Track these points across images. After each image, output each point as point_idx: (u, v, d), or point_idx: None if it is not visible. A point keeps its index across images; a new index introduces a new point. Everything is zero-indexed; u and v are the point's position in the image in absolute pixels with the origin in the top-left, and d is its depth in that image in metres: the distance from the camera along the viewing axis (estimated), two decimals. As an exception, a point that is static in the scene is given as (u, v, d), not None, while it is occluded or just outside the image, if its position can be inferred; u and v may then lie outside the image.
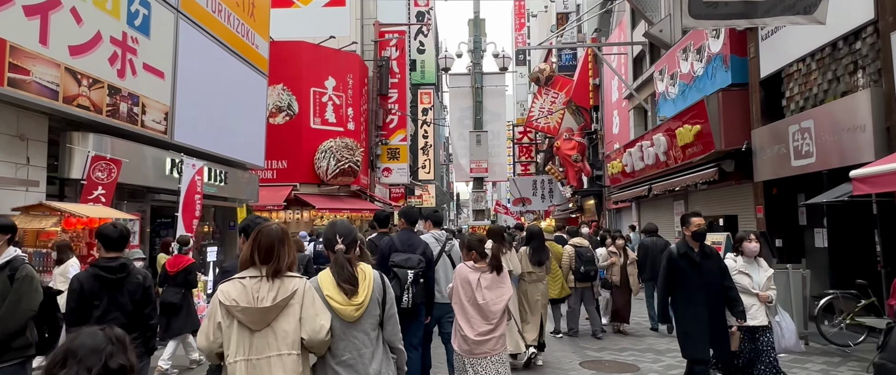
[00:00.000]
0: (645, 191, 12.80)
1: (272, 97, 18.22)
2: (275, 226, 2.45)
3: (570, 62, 23.67)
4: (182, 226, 7.06)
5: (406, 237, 4.73)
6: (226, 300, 2.26)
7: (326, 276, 2.56)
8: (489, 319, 3.66)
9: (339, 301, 2.46)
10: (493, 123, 10.37)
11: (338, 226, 2.70)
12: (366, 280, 2.55)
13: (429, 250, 4.71)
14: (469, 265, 3.81)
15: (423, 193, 35.89)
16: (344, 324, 2.46)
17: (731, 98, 8.88)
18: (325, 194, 18.37)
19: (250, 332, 2.26)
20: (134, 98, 8.34)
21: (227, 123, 11.71)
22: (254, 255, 2.35)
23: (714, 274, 4.43)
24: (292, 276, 2.38)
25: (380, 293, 2.60)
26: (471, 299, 3.68)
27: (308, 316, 2.32)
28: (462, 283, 3.75)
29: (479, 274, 3.74)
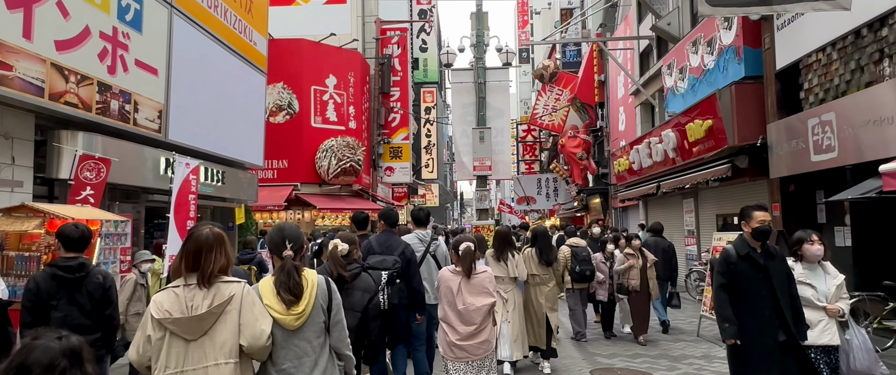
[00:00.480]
0: (653, 189, 12.46)
1: (272, 96, 17.97)
2: (206, 230, 2.34)
3: (574, 59, 23.34)
4: (174, 228, 6.77)
5: (385, 238, 4.65)
6: (158, 313, 2.18)
7: (267, 285, 2.47)
8: (471, 322, 3.63)
9: (278, 311, 2.39)
10: (497, 120, 10.07)
11: (286, 230, 2.61)
12: (309, 288, 2.48)
13: (408, 250, 4.61)
14: (450, 269, 3.78)
15: (426, 192, 35.63)
16: (285, 332, 2.40)
17: (745, 92, 8.55)
18: (327, 194, 18.10)
19: (185, 342, 2.18)
20: (126, 95, 8.07)
21: (225, 121, 11.44)
22: (181, 262, 2.28)
23: (782, 279, 3.61)
24: (229, 281, 2.30)
25: (325, 299, 2.53)
26: (452, 303, 3.66)
27: (247, 322, 2.25)
28: (444, 287, 3.72)
29: (459, 278, 3.70)
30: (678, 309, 9.10)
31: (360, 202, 19.11)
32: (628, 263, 7.19)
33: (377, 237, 4.80)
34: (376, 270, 4.21)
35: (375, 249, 4.55)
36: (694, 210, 12.21)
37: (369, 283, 3.47)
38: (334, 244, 3.58)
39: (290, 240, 2.55)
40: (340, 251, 3.47)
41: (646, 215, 15.69)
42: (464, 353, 3.68)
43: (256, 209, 16.48)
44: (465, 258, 3.77)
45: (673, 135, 10.84)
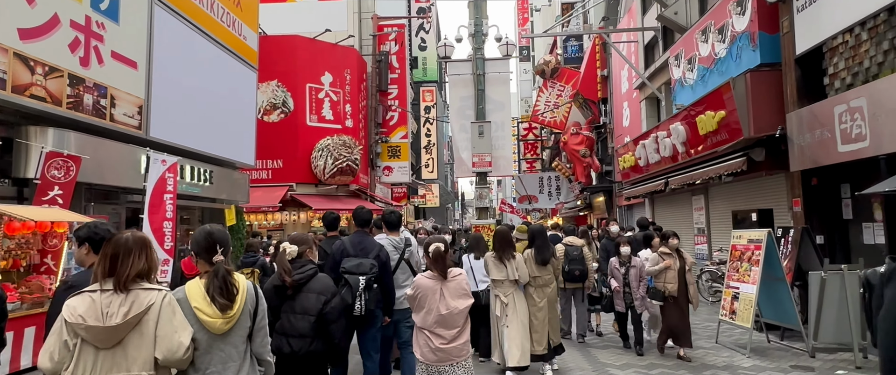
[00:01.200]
0: (661, 185, 11.94)
1: (266, 94, 17.49)
2: (127, 234, 2.29)
3: (576, 54, 22.82)
4: (149, 230, 6.26)
5: (358, 239, 4.55)
6: (71, 318, 2.09)
7: (196, 287, 2.42)
8: (454, 325, 3.65)
9: (208, 314, 2.35)
10: (497, 113, 9.55)
11: (216, 234, 2.56)
12: (240, 292, 2.45)
13: (383, 252, 4.53)
14: (427, 274, 3.74)
15: (426, 192, 35.16)
16: (211, 336, 2.36)
17: (761, 80, 8.03)
18: (323, 195, 17.61)
19: (96, 350, 2.11)
20: (101, 89, 7.57)
21: (213, 119, 10.94)
22: (98, 267, 2.21)
23: None
24: (150, 288, 2.24)
25: (252, 304, 2.50)
26: (434, 309, 3.62)
27: (164, 334, 2.18)
28: (423, 294, 3.68)
29: (440, 283, 3.68)
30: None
31: (357, 203, 18.61)
32: (664, 264, 6.27)
33: (350, 238, 4.67)
34: (353, 274, 4.13)
35: (350, 251, 4.42)
36: (704, 207, 11.69)
37: (326, 284, 3.37)
38: (283, 247, 3.47)
39: (220, 244, 2.52)
40: (289, 254, 3.39)
41: (652, 213, 15.16)
42: (446, 356, 3.67)
43: (250, 211, 15.99)
44: (437, 260, 3.71)
45: (682, 128, 10.32)
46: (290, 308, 3.30)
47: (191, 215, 11.71)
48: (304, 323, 3.24)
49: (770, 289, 6.30)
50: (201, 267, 2.57)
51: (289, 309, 3.31)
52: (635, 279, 6.62)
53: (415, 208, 35.11)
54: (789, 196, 8.05)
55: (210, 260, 2.48)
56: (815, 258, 6.36)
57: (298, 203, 16.63)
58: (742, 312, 6.37)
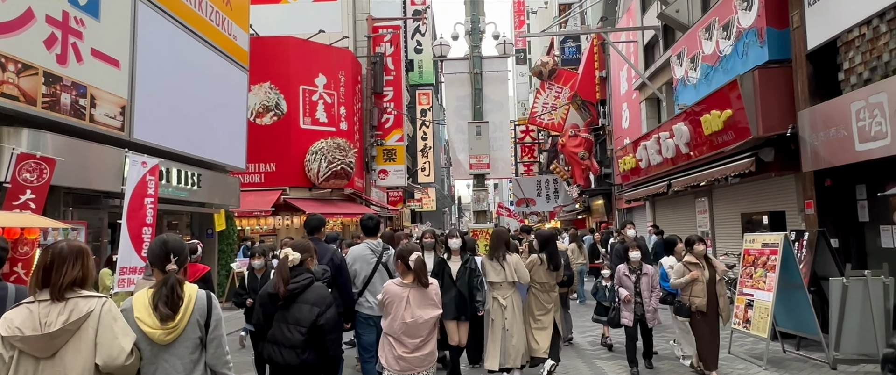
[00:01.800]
0: (663, 188, 11.63)
1: (259, 96, 17.14)
2: (62, 243, 2.26)
3: (573, 56, 22.55)
4: (127, 236, 5.89)
5: None
6: (6, 331, 2.08)
7: (143, 297, 2.42)
8: (418, 335, 3.62)
9: (149, 324, 2.35)
10: (495, 114, 9.21)
11: (170, 243, 2.56)
12: (186, 303, 2.44)
13: (337, 255, 4.61)
14: (397, 281, 3.73)
15: (422, 196, 34.83)
16: (155, 347, 2.36)
17: (770, 77, 7.72)
18: (317, 199, 17.24)
19: (36, 361, 2.09)
20: (80, 88, 7.21)
21: (202, 120, 10.58)
22: (32, 278, 2.21)
23: None
24: (89, 296, 2.23)
25: (203, 315, 2.49)
26: (399, 316, 3.60)
27: (104, 340, 2.17)
28: (390, 300, 3.66)
29: (408, 291, 3.64)
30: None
31: (352, 207, 18.26)
32: (690, 275, 5.51)
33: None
34: None
35: None
36: (708, 210, 11.38)
37: (321, 295, 3.31)
38: (285, 254, 3.39)
39: (174, 253, 2.51)
40: (292, 260, 3.34)
41: (653, 216, 14.85)
42: (408, 366, 3.67)
43: (242, 215, 15.62)
44: (421, 269, 3.68)
45: (686, 129, 10.02)
46: (283, 318, 3.26)
47: (179, 221, 11.33)
48: (295, 334, 3.19)
49: (786, 296, 5.97)
50: (156, 276, 2.55)
51: (281, 319, 3.27)
52: (647, 288, 5.99)
53: (411, 211, 34.76)
54: (800, 198, 7.74)
55: (163, 269, 2.49)
56: (832, 262, 6.05)
57: (292, 207, 16.28)
58: (757, 320, 6.04)
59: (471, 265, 5.37)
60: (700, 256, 5.60)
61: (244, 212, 15.33)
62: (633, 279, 6.07)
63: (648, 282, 6.04)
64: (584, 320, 9.70)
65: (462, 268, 5.33)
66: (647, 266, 6.14)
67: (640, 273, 6.07)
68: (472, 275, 5.30)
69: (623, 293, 6.03)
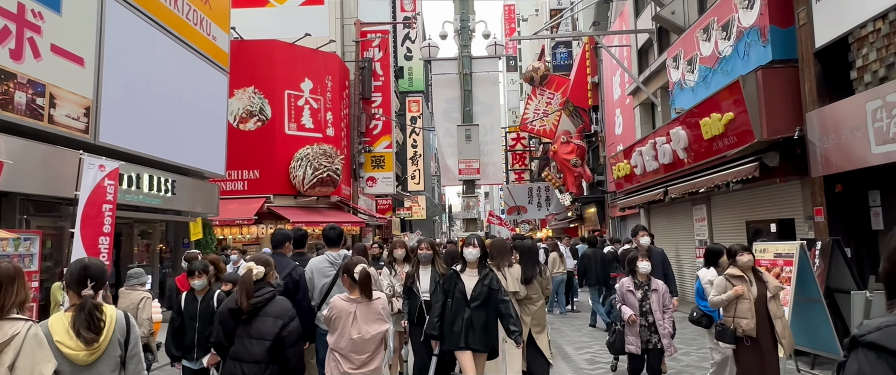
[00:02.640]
0: (660, 195, 11.22)
1: (242, 101, 16.62)
2: (4, 263, 2.28)
3: (565, 61, 22.24)
4: (81, 246, 5.35)
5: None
6: None
7: (59, 320, 2.44)
8: (364, 351, 3.53)
9: (71, 347, 2.39)
10: (485, 116, 8.77)
11: (91, 269, 2.55)
12: (108, 324, 2.49)
13: (297, 271, 4.53)
14: (344, 296, 3.63)
15: (412, 204, 34.32)
16: (75, 368, 2.40)
17: (774, 77, 7.35)
18: (303, 207, 16.70)
19: None
20: (37, 87, 6.68)
21: (178, 124, 10.06)
22: None
23: None
24: (16, 319, 2.22)
25: (122, 334, 2.56)
26: (345, 332, 3.52)
27: (24, 366, 2.15)
28: (337, 316, 3.56)
29: (355, 306, 3.55)
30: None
31: (339, 215, 17.71)
32: (734, 291, 4.46)
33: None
34: None
35: None
36: (706, 218, 10.97)
37: (284, 308, 3.33)
38: (248, 268, 3.35)
39: (92, 278, 2.51)
40: (256, 274, 3.32)
41: (648, 224, 14.44)
42: None
43: (224, 224, 15.04)
44: (365, 282, 3.56)
45: (683, 133, 9.62)
46: (246, 333, 3.25)
47: (152, 230, 10.76)
48: (259, 348, 3.20)
49: (801, 310, 5.52)
50: (71, 299, 2.52)
51: (244, 334, 3.26)
52: (658, 307, 4.99)
53: (401, 220, 34.26)
54: (808, 205, 7.34)
55: (79, 293, 2.47)
56: (847, 274, 5.62)
57: (276, 216, 15.72)
58: (768, 337, 5.58)
59: (493, 283, 4.38)
60: (746, 268, 4.53)
61: (226, 220, 14.76)
62: (639, 295, 5.04)
63: (659, 300, 5.02)
64: (579, 334, 9.23)
65: (479, 285, 4.33)
66: (656, 281, 5.16)
67: (648, 289, 5.07)
68: (494, 295, 4.37)
69: (627, 312, 5.02)
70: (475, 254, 4.45)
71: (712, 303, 4.66)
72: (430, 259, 5.18)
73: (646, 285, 5.10)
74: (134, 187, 8.52)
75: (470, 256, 4.47)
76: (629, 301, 5.08)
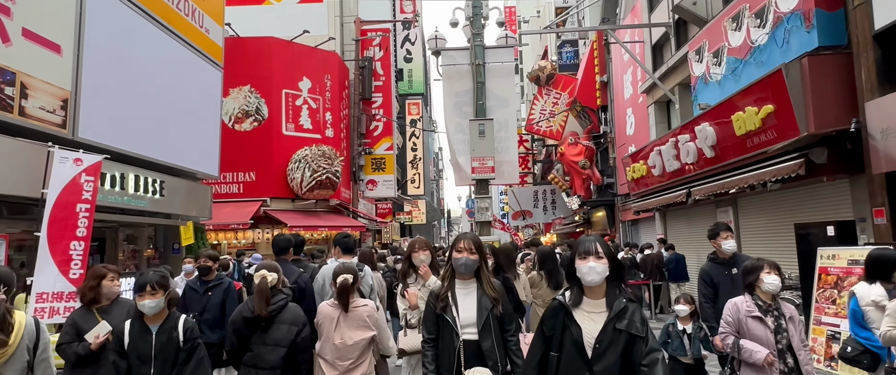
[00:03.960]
0: (682, 196, 10.54)
1: (237, 101, 15.95)
2: None
3: (571, 61, 21.61)
4: (47, 253, 4.63)
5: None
6: None
7: None
8: (347, 357, 3.47)
9: None
10: (500, 111, 8.09)
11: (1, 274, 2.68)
12: (16, 329, 2.57)
13: (303, 278, 4.50)
14: (330, 302, 3.63)
15: (412, 208, 33.69)
16: None
17: (822, 65, 6.69)
18: (301, 211, 15.99)
19: None
20: (6, 75, 5.97)
21: (167, 121, 9.35)
22: None
23: None
24: None
25: (31, 339, 2.61)
26: (329, 338, 3.50)
27: None
28: (322, 321, 3.56)
29: (339, 312, 3.55)
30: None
31: (338, 219, 17.01)
32: None
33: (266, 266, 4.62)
34: None
35: None
36: (733, 220, 10.28)
37: (297, 314, 3.37)
38: (261, 275, 3.35)
39: (4, 283, 2.62)
40: (270, 281, 3.35)
41: (664, 229, 13.76)
42: None
43: (218, 229, 14.34)
44: (342, 292, 3.53)
45: (711, 130, 8.97)
46: (261, 340, 3.26)
47: (138, 234, 10.02)
48: (274, 355, 3.22)
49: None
50: None
51: (259, 341, 3.26)
52: (799, 342, 3.47)
53: (400, 224, 33.60)
54: (859, 205, 6.67)
55: None
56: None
57: (273, 220, 15.03)
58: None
59: (634, 326, 2.41)
60: None
61: (220, 225, 14.06)
62: (772, 325, 3.47)
63: (798, 332, 3.50)
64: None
65: (610, 329, 2.42)
66: (787, 306, 3.60)
67: (779, 316, 3.50)
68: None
69: (757, 352, 3.40)
70: (469, 265, 3.04)
71: (886, 337, 3.30)
72: (473, 269, 3.08)
73: (774, 309, 3.51)
74: (118, 187, 7.80)
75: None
76: (755, 333, 3.47)
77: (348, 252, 4.82)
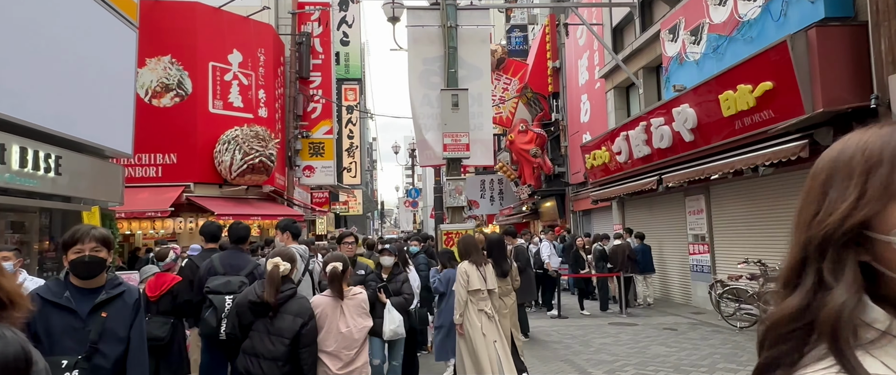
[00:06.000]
0: (653, 183, 9.97)
1: (156, 72, 14.04)
2: None
3: (520, 46, 20.92)
4: None
5: (230, 256, 4.45)
6: None
7: None
8: (352, 346, 3.47)
9: None
10: (473, 82, 7.06)
11: None
12: None
13: (259, 269, 4.32)
14: (327, 294, 3.58)
15: (349, 198, 32.23)
16: None
17: (832, 37, 6.15)
18: (230, 197, 14.34)
19: None
20: None
21: (67, 85, 7.68)
22: None
23: None
24: None
25: None
26: (332, 328, 3.43)
27: None
28: (322, 311, 3.46)
29: (340, 302, 3.51)
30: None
31: (272, 207, 15.46)
32: None
33: (221, 255, 4.52)
34: (219, 294, 4.03)
35: (218, 269, 4.28)
36: (705, 210, 9.83)
37: (303, 306, 3.33)
38: (275, 264, 3.30)
39: None
40: (282, 270, 3.29)
41: (622, 219, 13.29)
42: None
43: (132, 216, 12.52)
44: (333, 280, 3.52)
45: (691, 111, 8.38)
46: (265, 329, 3.23)
47: (29, 221, 8.23)
48: (278, 346, 3.20)
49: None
50: None
51: (263, 329, 3.23)
52: None
53: (335, 215, 32.05)
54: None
55: None
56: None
57: (197, 207, 13.33)
58: None
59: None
60: None
61: (135, 212, 12.25)
62: None
63: None
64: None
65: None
66: None
67: None
68: None
69: None
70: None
71: None
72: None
73: None
74: (-5, 161, 6.17)
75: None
76: None
77: (297, 238, 4.89)
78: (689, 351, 6.79)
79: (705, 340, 7.44)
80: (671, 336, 7.80)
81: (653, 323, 8.82)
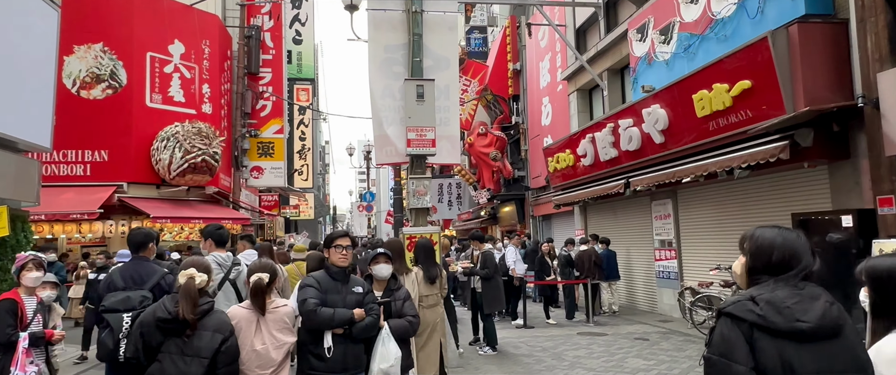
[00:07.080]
0: (619, 187, 9.64)
1: (86, 61, 12.86)
2: None
3: (479, 48, 20.55)
4: None
5: (132, 268, 3.97)
6: None
7: None
8: (271, 364, 3.18)
9: None
10: (440, 73, 6.49)
11: None
12: None
13: (166, 280, 3.91)
14: (245, 304, 3.32)
15: (300, 201, 31.08)
16: None
17: (814, 34, 5.91)
18: (168, 199, 13.25)
19: None
20: None
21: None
22: None
23: None
24: None
25: None
26: (249, 343, 3.15)
27: None
28: (235, 327, 3.16)
29: (257, 315, 3.22)
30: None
31: (215, 210, 14.42)
32: None
33: (121, 267, 4.13)
34: (115, 313, 3.60)
35: (118, 283, 3.83)
36: (672, 215, 9.58)
37: (223, 321, 3.08)
38: (189, 276, 3.03)
39: None
40: (199, 283, 3.04)
41: (584, 224, 12.99)
42: None
43: (55, 219, 11.33)
44: (257, 294, 3.20)
45: (662, 112, 8.08)
46: (178, 349, 2.91)
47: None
48: (195, 367, 2.88)
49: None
50: None
51: (175, 350, 2.91)
52: None
53: (285, 219, 30.83)
54: (838, 195, 5.99)
55: None
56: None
57: (131, 209, 12.22)
58: None
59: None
60: None
61: (58, 214, 11.08)
62: None
63: None
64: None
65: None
66: None
67: None
68: None
69: None
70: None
71: None
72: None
73: None
74: None
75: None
76: None
77: (222, 246, 4.51)
78: (669, 364, 6.40)
79: (681, 351, 7.10)
80: (645, 346, 7.42)
81: (622, 332, 8.45)
